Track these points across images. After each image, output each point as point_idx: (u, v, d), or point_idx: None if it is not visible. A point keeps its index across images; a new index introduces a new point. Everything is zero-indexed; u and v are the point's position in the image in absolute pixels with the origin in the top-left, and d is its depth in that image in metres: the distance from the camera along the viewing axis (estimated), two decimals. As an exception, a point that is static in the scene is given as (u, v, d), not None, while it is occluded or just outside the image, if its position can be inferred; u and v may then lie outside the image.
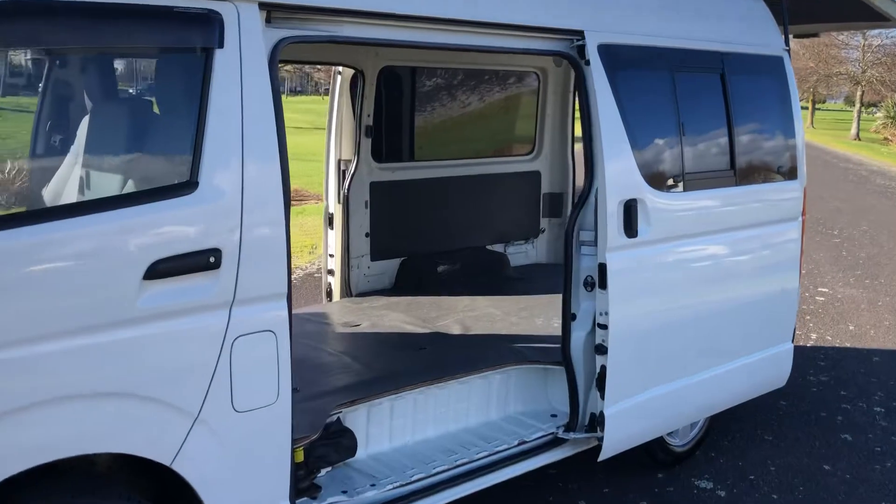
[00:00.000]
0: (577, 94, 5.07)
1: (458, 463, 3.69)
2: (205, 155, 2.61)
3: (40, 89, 3.18)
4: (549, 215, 6.51)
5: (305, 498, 3.24)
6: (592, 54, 3.73)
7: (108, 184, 2.75)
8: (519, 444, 3.91)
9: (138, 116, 3.03)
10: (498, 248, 6.37)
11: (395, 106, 5.75)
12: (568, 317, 3.92)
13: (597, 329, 3.87)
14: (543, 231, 6.54)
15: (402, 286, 5.77)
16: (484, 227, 6.22)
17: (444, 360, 4.19)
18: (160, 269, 2.52)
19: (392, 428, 3.83)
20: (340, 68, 5.56)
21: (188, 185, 2.60)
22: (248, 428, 2.81)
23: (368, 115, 5.52)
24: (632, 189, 3.86)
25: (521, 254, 6.49)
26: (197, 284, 2.62)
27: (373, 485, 3.43)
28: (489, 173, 6.18)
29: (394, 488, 3.44)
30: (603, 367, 3.87)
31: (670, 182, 4.13)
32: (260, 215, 2.73)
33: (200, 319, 2.65)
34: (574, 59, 3.76)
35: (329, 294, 5.71)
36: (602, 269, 3.78)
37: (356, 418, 3.68)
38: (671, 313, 4.16)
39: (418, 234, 5.89)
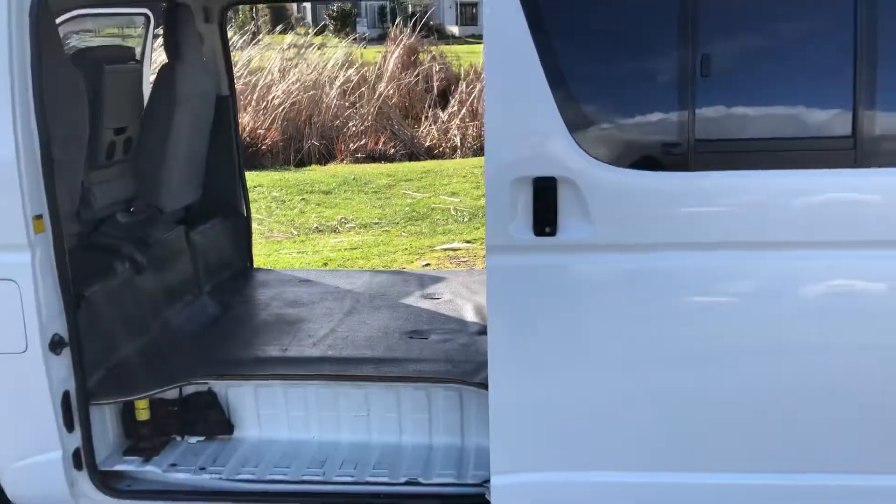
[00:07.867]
0: None
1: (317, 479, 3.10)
2: None
3: None
4: None
5: (137, 457, 3.22)
6: None
7: None
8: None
9: None
10: None
11: None
12: None
13: None
14: None
15: None
16: None
17: (424, 357, 3.38)
18: None
19: (290, 419, 3.40)
20: None
21: None
22: None
23: None
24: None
25: None
26: None
27: (203, 468, 3.17)
28: None
29: (221, 479, 3.12)
30: None
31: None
32: None
33: None
34: None
35: None
36: None
37: (240, 396, 3.38)
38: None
39: None
